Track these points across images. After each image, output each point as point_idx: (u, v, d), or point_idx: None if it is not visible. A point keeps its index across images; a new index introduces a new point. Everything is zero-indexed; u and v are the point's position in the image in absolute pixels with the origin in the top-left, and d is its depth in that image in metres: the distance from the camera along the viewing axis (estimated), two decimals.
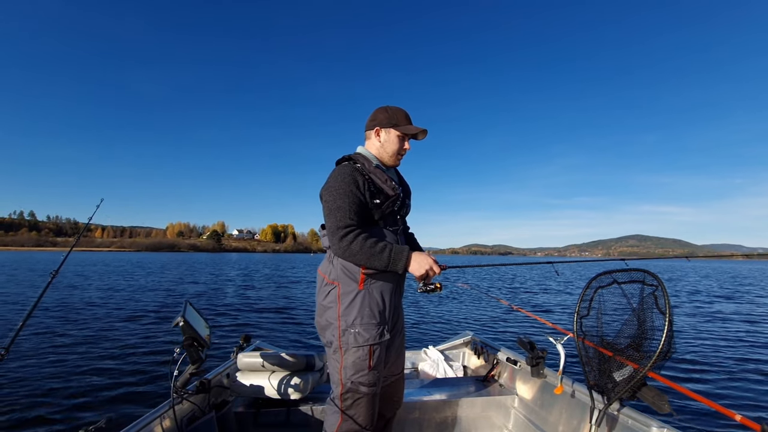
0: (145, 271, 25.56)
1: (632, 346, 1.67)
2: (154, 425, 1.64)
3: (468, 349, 3.38)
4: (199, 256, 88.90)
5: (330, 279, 1.69)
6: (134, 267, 31.79)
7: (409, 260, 1.60)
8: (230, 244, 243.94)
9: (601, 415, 1.72)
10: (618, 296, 1.80)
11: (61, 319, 8.17)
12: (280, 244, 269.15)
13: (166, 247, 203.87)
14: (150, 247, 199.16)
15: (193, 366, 1.76)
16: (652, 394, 1.57)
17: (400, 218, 1.80)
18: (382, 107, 1.77)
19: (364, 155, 1.75)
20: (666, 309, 1.55)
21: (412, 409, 2.39)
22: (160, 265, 37.02)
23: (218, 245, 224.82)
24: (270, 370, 2.28)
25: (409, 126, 1.74)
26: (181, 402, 1.85)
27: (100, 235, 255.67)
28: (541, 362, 2.32)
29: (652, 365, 1.53)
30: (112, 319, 8.26)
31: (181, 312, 1.73)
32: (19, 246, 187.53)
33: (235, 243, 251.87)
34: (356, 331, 1.61)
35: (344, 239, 1.55)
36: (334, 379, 1.68)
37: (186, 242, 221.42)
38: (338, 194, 1.58)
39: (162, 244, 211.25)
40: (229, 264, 42.74)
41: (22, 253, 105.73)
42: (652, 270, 1.72)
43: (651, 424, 1.58)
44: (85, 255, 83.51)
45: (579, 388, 2.00)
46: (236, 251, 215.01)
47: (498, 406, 2.49)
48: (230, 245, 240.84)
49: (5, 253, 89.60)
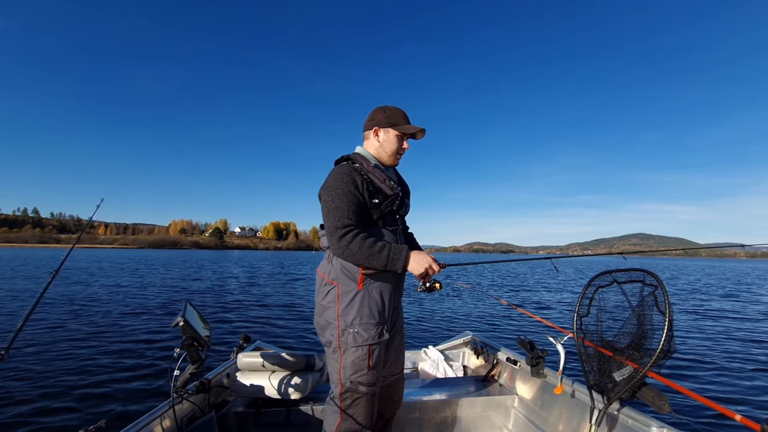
0: (146, 269, 25.60)
1: (632, 346, 1.67)
2: (154, 425, 1.64)
3: (468, 349, 3.37)
4: (202, 254, 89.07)
5: (329, 279, 1.69)
6: (136, 264, 31.83)
7: (408, 259, 1.60)
8: (232, 242, 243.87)
9: (601, 415, 1.72)
10: (618, 296, 1.80)
11: (61, 318, 8.18)
12: (282, 241, 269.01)
13: (169, 244, 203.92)
14: (153, 245, 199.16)
15: (193, 366, 1.76)
16: (652, 394, 1.56)
17: (399, 218, 1.80)
18: (380, 107, 1.77)
19: (362, 155, 1.75)
20: (666, 308, 1.54)
21: (412, 409, 2.39)
22: (162, 262, 37.07)
23: (220, 243, 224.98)
24: (270, 370, 2.28)
25: (408, 125, 1.74)
26: (181, 402, 1.86)
27: (103, 232, 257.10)
28: (541, 362, 2.31)
29: (652, 365, 1.53)
30: (112, 319, 8.28)
31: (181, 312, 1.73)
32: (23, 243, 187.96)
33: (238, 240, 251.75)
34: (355, 330, 1.61)
35: (343, 239, 1.55)
36: (334, 379, 1.68)
37: (188, 239, 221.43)
38: (337, 194, 1.58)
39: (164, 241, 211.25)
40: (230, 261, 42.82)
41: (26, 249, 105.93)
42: (654, 267, 1.71)
43: (651, 424, 1.58)
44: (88, 252, 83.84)
45: (579, 388, 2.00)
46: (238, 249, 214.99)
47: (498, 406, 2.49)
48: (232, 243, 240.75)
49: (9, 250, 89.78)
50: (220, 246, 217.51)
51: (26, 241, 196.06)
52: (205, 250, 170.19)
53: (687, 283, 21.27)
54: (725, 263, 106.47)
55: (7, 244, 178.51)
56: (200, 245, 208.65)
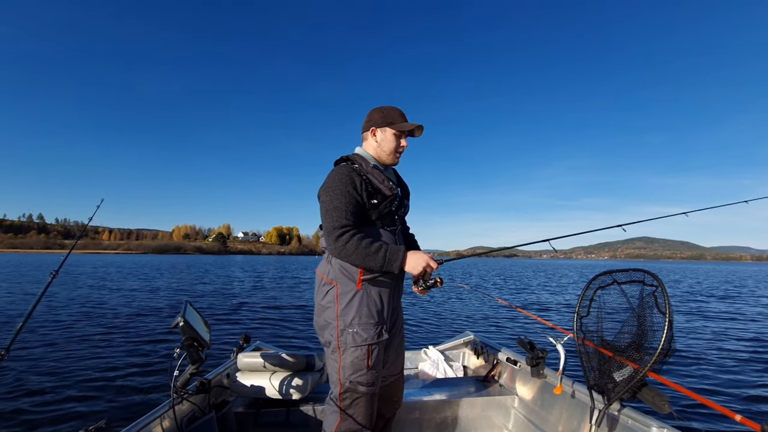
0: (149, 273, 25.62)
1: (632, 346, 1.66)
2: (154, 425, 1.64)
3: (468, 349, 3.37)
4: (205, 259, 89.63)
5: (328, 279, 1.69)
6: (139, 269, 31.92)
7: (405, 260, 1.60)
8: (235, 247, 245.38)
9: (601, 415, 1.71)
10: (618, 296, 1.79)
11: (61, 319, 8.19)
12: (285, 246, 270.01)
13: (172, 249, 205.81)
14: (156, 250, 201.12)
15: (193, 366, 1.76)
16: (652, 394, 1.56)
17: (398, 218, 1.80)
18: (376, 108, 1.78)
19: (361, 156, 1.75)
20: (666, 309, 1.54)
21: (412, 409, 2.39)
22: (167, 266, 37.16)
23: (224, 247, 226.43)
24: (270, 370, 2.28)
25: (404, 123, 1.74)
26: (181, 402, 1.86)
27: (108, 238, 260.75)
28: (541, 362, 2.31)
29: (652, 365, 1.53)
30: (113, 320, 8.28)
31: (181, 312, 1.73)
32: (28, 248, 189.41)
33: (241, 245, 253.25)
34: (354, 330, 1.61)
35: (340, 239, 1.55)
36: (333, 379, 1.68)
37: (192, 244, 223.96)
38: (335, 194, 1.58)
39: (168, 246, 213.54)
40: (233, 266, 42.87)
41: (31, 255, 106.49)
42: (658, 270, 1.72)
43: (651, 424, 1.58)
44: (92, 257, 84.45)
45: (579, 388, 2.00)
46: (241, 253, 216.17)
47: (498, 406, 2.49)
48: (235, 247, 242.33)
49: (15, 255, 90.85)
50: (224, 251, 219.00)
51: (31, 246, 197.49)
52: (208, 255, 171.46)
53: (689, 286, 21.25)
54: (731, 266, 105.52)
55: (13, 249, 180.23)
56: (203, 250, 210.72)
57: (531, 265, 71.11)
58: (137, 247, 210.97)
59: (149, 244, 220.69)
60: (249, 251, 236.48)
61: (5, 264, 35.18)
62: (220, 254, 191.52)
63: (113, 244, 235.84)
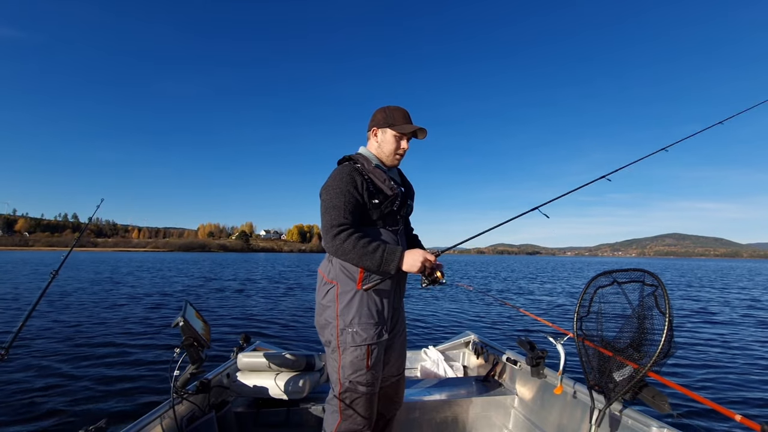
0: (160, 270, 25.63)
1: (632, 346, 1.67)
2: (154, 425, 1.64)
3: (468, 349, 3.37)
4: (228, 256, 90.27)
5: (329, 278, 1.69)
6: (159, 265, 32.21)
7: (402, 260, 1.58)
8: (258, 244, 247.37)
9: (601, 415, 1.71)
10: (618, 296, 1.79)
11: (61, 319, 8.18)
12: (306, 244, 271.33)
13: (197, 247, 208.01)
14: (182, 248, 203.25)
15: (193, 366, 1.76)
16: (652, 394, 1.56)
17: (400, 218, 1.80)
18: (381, 108, 1.77)
19: (364, 155, 1.75)
20: (666, 309, 1.54)
21: (412, 409, 2.39)
22: (191, 263, 37.36)
23: (246, 245, 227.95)
24: (270, 370, 2.28)
25: (405, 125, 1.72)
26: (181, 402, 1.86)
27: (137, 236, 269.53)
28: (541, 362, 2.31)
29: (652, 365, 1.53)
30: (113, 320, 8.28)
31: (181, 312, 1.73)
32: (64, 246, 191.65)
33: (263, 243, 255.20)
34: (354, 330, 1.61)
35: (337, 237, 1.55)
36: (333, 379, 1.68)
37: (216, 242, 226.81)
38: (335, 193, 1.58)
39: (193, 244, 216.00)
40: (252, 263, 43.04)
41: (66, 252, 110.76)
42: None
43: (651, 424, 1.58)
44: (123, 255, 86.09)
45: (579, 388, 2.00)
46: (263, 251, 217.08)
47: (498, 406, 2.49)
48: (258, 245, 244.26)
49: (52, 253, 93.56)
50: (246, 248, 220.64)
51: (66, 245, 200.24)
52: (231, 252, 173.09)
53: (692, 286, 21.28)
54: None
55: (50, 247, 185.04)
56: (227, 248, 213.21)
57: (554, 264, 69.57)
58: (164, 245, 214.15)
59: (175, 242, 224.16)
60: (271, 249, 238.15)
61: (39, 262, 34.97)
62: (243, 252, 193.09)
63: (142, 242, 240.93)
